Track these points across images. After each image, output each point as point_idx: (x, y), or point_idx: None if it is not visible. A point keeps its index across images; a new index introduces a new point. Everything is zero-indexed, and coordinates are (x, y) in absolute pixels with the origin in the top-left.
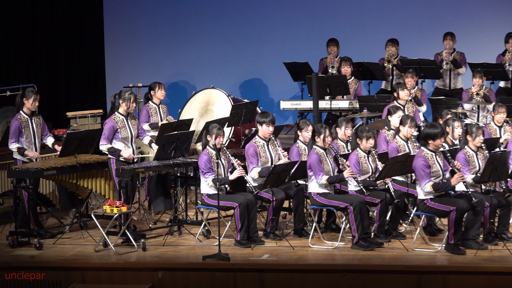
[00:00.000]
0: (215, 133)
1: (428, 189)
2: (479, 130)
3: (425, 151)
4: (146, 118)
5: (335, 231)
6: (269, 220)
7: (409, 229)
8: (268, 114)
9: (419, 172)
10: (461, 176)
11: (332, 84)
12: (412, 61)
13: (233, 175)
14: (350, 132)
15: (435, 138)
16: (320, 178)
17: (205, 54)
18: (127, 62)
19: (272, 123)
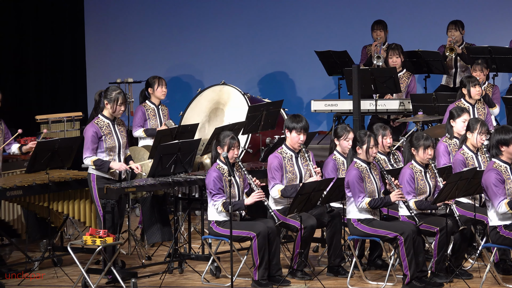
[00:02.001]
0: (228, 143)
1: (503, 209)
2: None
3: (497, 163)
4: (141, 122)
5: (381, 268)
6: (296, 254)
7: (477, 265)
8: (300, 118)
9: (490, 189)
10: None
11: (378, 79)
12: (481, 50)
13: (250, 199)
14: (390, 142)
15: (509, 143)
16: (361, 201)
17: (213, 40)
18: (113, 52)
19: (305, 131)
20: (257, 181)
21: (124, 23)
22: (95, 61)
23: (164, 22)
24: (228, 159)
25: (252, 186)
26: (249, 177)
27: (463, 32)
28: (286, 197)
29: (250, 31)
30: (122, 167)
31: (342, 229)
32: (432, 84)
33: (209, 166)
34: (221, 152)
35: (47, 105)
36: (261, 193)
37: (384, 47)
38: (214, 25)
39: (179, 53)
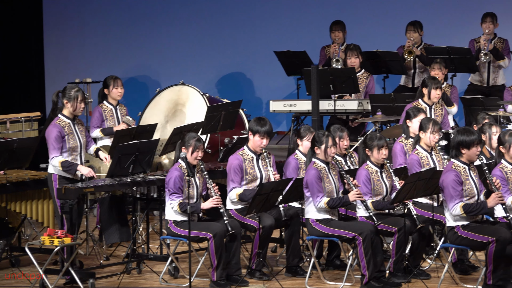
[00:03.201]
0: (193, 145)
1: (457, 212)
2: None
3: (456, 164)
4: (99, 123)
5: (339, 268)
6: (255, 254)
7: (435, 265)
8: (265, 122)
9: (448, 190)
10: (500, 197)
11: (337, 79)
12: (440, 50)
13: (207, 204)
14: (347, 144)
15: (470, 146)
16: (319, 201)
17: (172, 41)
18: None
19: (268, 135)
20: (216, 187)
21: (82, 23)
22: (54, 61)
23: (123, 22)
24: (186, 159)
25: (210, 191)
26: (209, 182)
27: (421, 33)
28: (244, 201)
29: (208, 31)
30: (91, 173)
31: (301, 229)
32: (391, 85)
33: (168, 166)
34: (185, 153)
35: (5, 105)
36: (219, 200)
37: (343, 48)
38: (173, 25)
39: (138, 53)
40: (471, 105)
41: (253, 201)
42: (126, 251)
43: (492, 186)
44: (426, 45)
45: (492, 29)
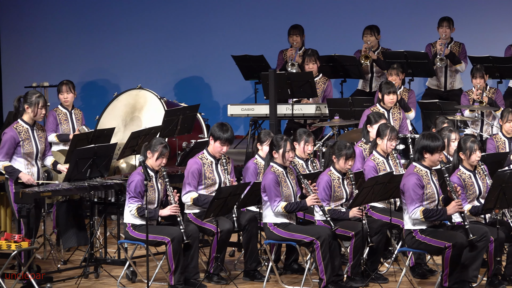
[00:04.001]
0: (160, 151)
1: (417, 216)
2: (475, 145)
3: (418, 167)
4: (53, 127)
5: (297, 272)
6: (212, 258)
7: (393, 269)
8: (227, 128)
9: (408, 193)
10: (459, 205)
11: (295, 83)
12: (397, 54)
13: (165, 211)
14: (311, 149)
15: (433, 151)
16: (277, 205)
17: (130, 45)
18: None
19: (229, 142)
20: (177, 195)
21: (40, 26)
22: (11, 65)
23: (80, 25)
24: (144, 163)
25: (170, 198)
26: (169, 189)
27: (378, 37)
28: (198, 206)
29: (166, 35)
30: (30, 180)
31: (259, 234)
32: (349, 89)
33: (126, 170)
34: (150, 158)
35: None
36: (177, 208)
37: (301, 52)
38: (130, 29)
39: (95, 57)
40: (428, 109)
41: (211, 205)
42: (84, 255)
43: (452, 193)
44: (384, 49)
45: (449, 33)
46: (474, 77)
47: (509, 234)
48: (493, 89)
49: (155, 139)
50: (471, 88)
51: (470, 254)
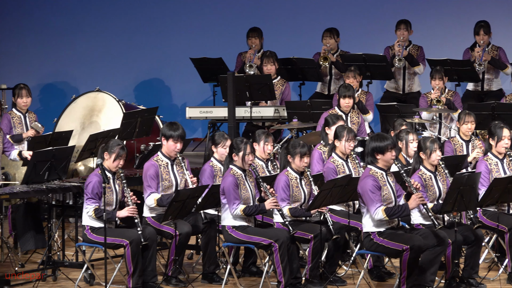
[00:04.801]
0: (117, 152)
1: (380, 216)
2: (435, 144)
3: (373, 170)
4: (7, 130)
5: (255, 275)
6: (171, 261)
7: (351, 272)
8: (177, 126)
9: (367, 195)
10: (420, 197)
11: (253, 86)
12: (355, 57)
13: (122, 212)
14: (271, 149)
15: (384, 151)
16: (236, 208)
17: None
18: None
19: (181, 139)
20: (134, 196)
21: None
22: None
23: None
24: (102, 165)
25: (127, 200)
26: (127, 190)
27: (338, 40)
28: (162, 206)
29: (125, 38)
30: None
31: (217, 236)
32: (307, 91)
33: (84, 173)
34: (107, 159)
35: None
36: (135, 210)
37: (259, 55)
38: (89, 31)
39: (54, 59)
40: (386, 112)
41: (169, 208)
42: (42, 258)
43: (411, 189)
44: (342, 52)
45: (407, 36)
46: (433, 78)
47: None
48: (451, 91)
49: (112, 140)
50: (429, 90)
51: (428, 257)
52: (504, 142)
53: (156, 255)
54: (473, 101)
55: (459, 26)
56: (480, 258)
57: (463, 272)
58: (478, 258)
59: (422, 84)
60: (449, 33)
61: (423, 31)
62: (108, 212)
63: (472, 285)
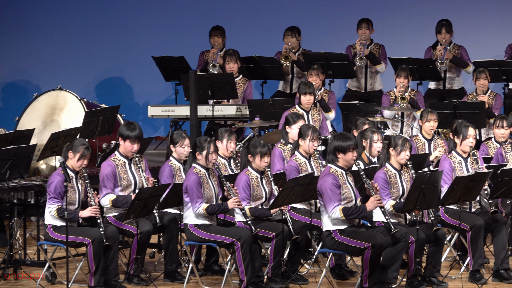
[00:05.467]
0: (81, 152)
1: (337, 215)
2: (406, 143)
3: (333, 168)
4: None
5: (217, 273)
6: (133, 259)
7: (313, 270)
8: (134, 126)
9: (326, 193)
10: (378, 200)
11: (215, 84)
12: (317, 56)
13: (85, 212)
14: (234, 147)
15: (346, 151)
16: (198, 207)
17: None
18: None
19: (138, 140)
20: (97, 197)
21: None
22: None
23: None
24: (64, 164)
25: (90, 200)
26: (90, 190)
27: (299, 39)
28: (117, 207)
29: (87, 36)
30: None
31: (179, 235)
32: (269, 90)
33: (45, 171)
34: (71, 158)
35: None
36: (97, 210)
37: (221, 53)
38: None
39: (15, 57)
40: (349, 110)
41: (131, 207)
42: (3, 257)
43: (370, 190)
44: (304, 51)
45: (368, 34)
46: (398, 76)
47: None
48: (414, 90)
49: (77, 140)
50: (391, 89)
51: (390, 254)
52: (469, 141)
53: (118, 254)
54: (435, 100)
55: (421, 25)
56: (442, 256)
57: (425, 270)
58: (440, 256)
59: (384, 83)
60: (411, 31)
61: (384, 29)
62: (71, 212)
63: (434, 283)
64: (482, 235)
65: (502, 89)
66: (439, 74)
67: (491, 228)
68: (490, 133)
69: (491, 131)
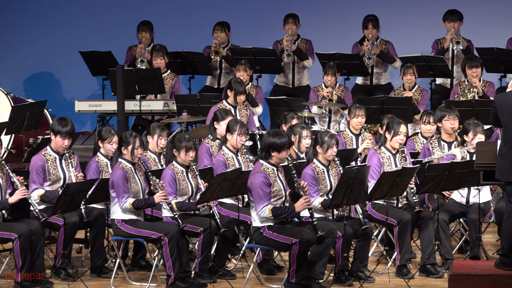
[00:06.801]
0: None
1: (266, 214)
2: (333, 140)
3: (265, 165)
4: None
5: (145, 268)
6: (59, 252)
7: (240, 266)
8: (67, 122)
9: (256, 191)
10: (307, 202)
11: (143, 79)
12: (245, 51)
13: (14, 197)
14: (165, 143)
15: (280, 149)
16: (124, 202)
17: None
18: None
19: (70, 136)
20: (21, 178)
21: None
22: None
23: None
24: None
25: (16, 185)
26: (13, 176)
27: (228, 34)
28: (46, 202)
29: (14, 31)
30: None
31: (106, 230)
32: (197, 85)
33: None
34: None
35: None
36: (25, 191)
37: (149, 48)
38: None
39: None
40: (276, 106)
41: (58, 202)
42: None
43: (299, 190)
44: (232, 46)
45: (295, 29)
46: (326, 74)
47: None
48: (342, 86)
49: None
50: (319, 84)
51: (317, 250)
52: (399, 138)
53: (44, 249)
54: (362, 95)
55: (348, 20)
56: (369, 251)
57: (352, 265)
58: (367, 251)
59: (312, 78)
60: (338, 27)
61: (311, 25)
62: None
63: (361, 278)
64: (409, 230)
65: (429, 85)
66: (366, 69)
67: (418, 223)
68: (417, 128)
69: (418, 126)
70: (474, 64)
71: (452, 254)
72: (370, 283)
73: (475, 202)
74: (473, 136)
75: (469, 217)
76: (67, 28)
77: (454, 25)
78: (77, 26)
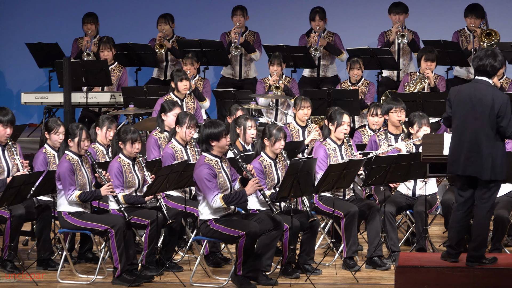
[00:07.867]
0: None
1: (218, 204)
2: (281, 133)
3: (208, 157)
4: None
5: (91, 261)
6: (6, 245)
7: (187, 258)
8: (7, 111)
9: (203, 184)
10: (257, 182)
11: (90, 71)
12: (192, 43)
13: None
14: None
15: (219, 138)
16: (71, 194)
17: None
18: None
19: (11, 124)
20: None
21: None
22: None
23: None
24: None
25: None
26: None
27: (173, 26)
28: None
29: None
30: None
31: (52, 222)
32: (143, 77)
33: None
34: None
35: None
36: None
37: (96, 40)
38: None
39: None
40: (223, 98)
41: (4, 194)
42: None
43: (247, 174)
44: (178, 38)
45: (243, 22)
46: (271, 64)
47: (305, 222)
48: (288, 78)
49: None
50: (266, 76)
51: (264, 242)
52: (343, 128)
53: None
54: (309, 87)
55: (295, 12)
56: (315, 244)
57: (299, 257)
58: (313, 243)
59: (259, 70)
60: (285, 19)
61: (259, 17)
62: None
63: (308, 270)
64: (356, 222)
65: (376, 77)
66: (313, 62)
67: (365, 215)
68: (364, 120)
69: (365, 118)
70: (431, 57)
71: (398, 246)
72: (316, 275)
73: (421, 194)
74: (418, 128)
75: (416, 209)
76: (13, 20)
77: (399, 18)
78: (23, 17)
